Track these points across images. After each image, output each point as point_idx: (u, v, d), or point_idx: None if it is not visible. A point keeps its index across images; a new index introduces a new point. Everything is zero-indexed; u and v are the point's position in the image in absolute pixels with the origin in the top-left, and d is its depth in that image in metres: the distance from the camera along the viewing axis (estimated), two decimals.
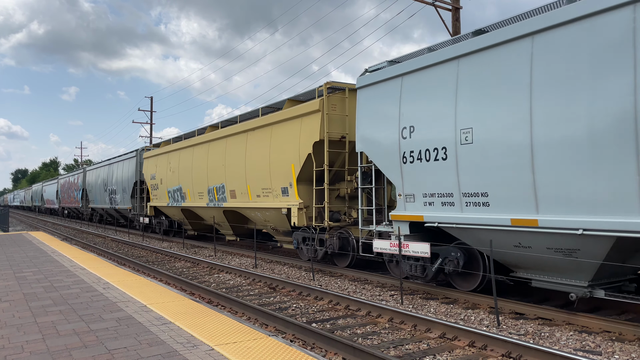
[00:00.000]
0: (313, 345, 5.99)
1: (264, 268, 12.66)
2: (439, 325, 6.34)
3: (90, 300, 6.78)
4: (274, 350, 4.53)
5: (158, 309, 6.20)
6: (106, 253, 16.32)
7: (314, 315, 7.57)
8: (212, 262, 12.99)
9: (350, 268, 11.49)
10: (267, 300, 8.76)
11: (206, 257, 14.93)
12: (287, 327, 6.59)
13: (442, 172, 8.09)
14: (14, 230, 29.65)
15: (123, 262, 14.21)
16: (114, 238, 22.41)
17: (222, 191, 15.92)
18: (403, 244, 8.53)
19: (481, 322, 7.00)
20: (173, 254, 15.47)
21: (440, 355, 5.61)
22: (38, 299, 6.98)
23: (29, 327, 5.40)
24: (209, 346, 4.63)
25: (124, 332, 5.16)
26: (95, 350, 4.55)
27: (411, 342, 6.07)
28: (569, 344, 5.93)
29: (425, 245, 8.21)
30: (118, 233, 26.35)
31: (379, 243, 9.13)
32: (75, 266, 10.38)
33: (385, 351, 5.71)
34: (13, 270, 9.90)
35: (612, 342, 5.92)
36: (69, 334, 5.10)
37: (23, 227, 36.73)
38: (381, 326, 6.88)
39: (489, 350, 5.63)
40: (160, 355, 4.39)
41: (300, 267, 12.60)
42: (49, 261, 11.31)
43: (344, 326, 6.86)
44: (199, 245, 18.89)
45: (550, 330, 6.51)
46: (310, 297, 8.79)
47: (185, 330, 5.21)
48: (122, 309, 6.22)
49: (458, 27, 16.25)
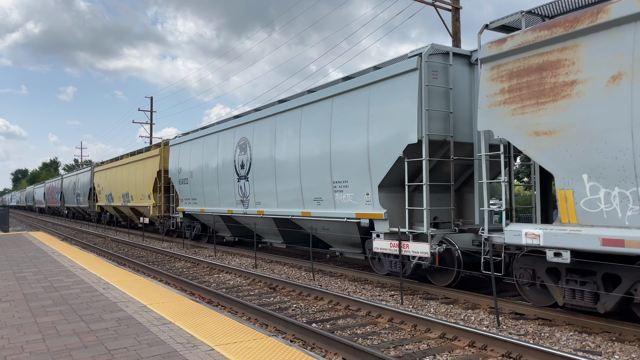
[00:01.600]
0: (313, 345, 5.99)
1: (264, 268, 12.66)
2: (439, 326, 6.34)
3: (90, 301, 6.78)
4: (274, 350, 4.53)
5: (158, 309, 6.20)
6: (106, 253, 16.32)
7: (314, 316, 7.57)
8: (212, 262, 12.99)
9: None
10: (267, 300, 8.76)
11: (206, 257, 14.93)
12: (287, 327, 6.59)
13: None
14: (14, 230, 29.65)
15: (123, 262, 14.21)
16: (114, 238, 22.42)
17: (128, 195, 25.50)
18: (403, 244, 8.53)
19: (481, 322, 7.00)
20: (173, 254, 15.48)
21: (440, 355, 5.61)
22: (38, 299, 6.98)
23: (29, 327, 5.40)
24: (209, 346, 4.63)
25: (124, 332, 5.16)
26: (95, 350, 4.55)
27: (411, 342, 6.07)
28: (569, 344, 5.94)
29: (425, 246, 8.21)
30: (118, 233, 26.35)
31: (379, 243, 9.13)
32: (75, 266, 10.38)
33: (385, 351, 5.71)
34: (13, 270, 9.90)
35: (612, 343, 5.93)
36: (69, 334, 5.10)
37: (23, 227, 36.73)
38: (381, 326, 6.88)
39: (489, 351, 5.63)
40: (160, 355, 4.39)
41: (300, 267, 12.60)
42: (49, 261, 11.31)
43: (344, 326, 6.86)
44: (199, 245, 18.89)
45: (550, 330, 6.51)
46: (310, 297, 8.79)
47: (185, 330, 5.21)
48: (122, 309, 6.22)
49: (458, 27, 16.25)
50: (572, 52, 6.39)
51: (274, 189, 13.12)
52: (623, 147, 5.85)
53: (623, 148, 5.85)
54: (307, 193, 11.79)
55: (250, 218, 14.43)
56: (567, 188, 6.51)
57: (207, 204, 17.04)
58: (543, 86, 6.71)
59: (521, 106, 6.97)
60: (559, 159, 6.53)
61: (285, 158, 12.53)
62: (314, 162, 11.44)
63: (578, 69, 6.31)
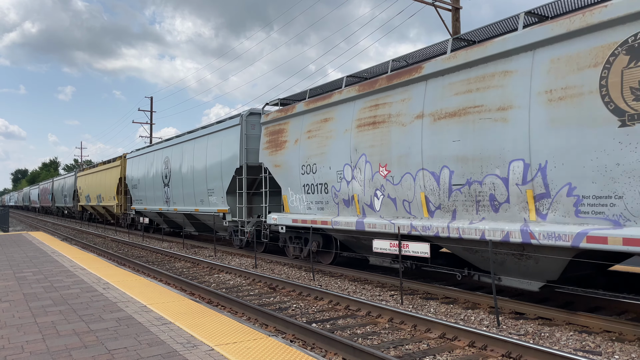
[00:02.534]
0: (313, 345, 5.99)
1: (263, 268, 12.66)
2: (439, 326, 6.34)
3: (90, 301, 6.78)
4: (274, 350, 4.53)
5: (158, 309, 6.20)
6: (106, 253, 16.32)
7: (314, 316, 7.57)
8: (212, 262, 12.99)
9: (351, 268, 11.45)
10: (267, 300, 8.76)
11: (206, 257, 14.94)
12: (287, 327, 6.59)
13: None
14: (14, 230, 29.64)
15: (123, 262, 14.21)
16: (114, 238, 22.42)
17: (101, 196, 31.43)
18: (403, 244, 8.53)
19: (481, 322, 7.00)
20: (173, 254, 15.48)
21: (440, 355, 5.61)
22: (38, 299, 6.98)
23: (29, 327, 5.40)
24: (209, 346, 4.63)
25: (124, 332, 5.16)
26: (95, 350, 4.55)
27: (411, 342, 6.07)
28: (569, 344, 5.93)
29: (425, 246, 8.21)
30: (118, 233, 26.35)
31: (379, 243, 9.13)
32: (75, 266, 10.38)
33: (385, 351, 5.71)
34: (13, 270, 9.90)
35: (612, 342, 5.92)
36: (68, 334, 5.10)
37: (23, 227, 36.72)
38: (381, 326, 6.88)
39: (489, 351, 5.63)
40: (160, 355, 4.39)
41: (300, 267, 12.61)
42: (49, 261, 11.31)
43: (344, 326, 6.86)
44: (199, 245, 18.90)
45: (550, 330, 6.51)
46: (310, 297, 8.79)
47: (185, 330, 5.21)
48: (122, 309, 6.22)
49: (458, 27, 16.24)
50: (286, 126, 12.65)
51: (181, 193, 19.22)
52: (298, 175, 12.03)
53: (298, 175, 12.02)
54: (197, 196, 17.87)
55: (172, 213, 20.71)
56: (284, 194, 12.74)
57: (148, 203, 23.13)
58: (278, 141, 12.87)
59: (271, 151, 13.13)
60: (282, 179, 12.76)
61: (186, 172, 18.61)
62: (200, 176, 17.49)
63: (288, 134, 12.50)
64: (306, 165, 11.67)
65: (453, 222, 7.97)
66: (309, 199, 11.73)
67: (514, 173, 7.06)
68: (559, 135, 6.51)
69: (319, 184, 11.34)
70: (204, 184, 17.11)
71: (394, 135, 9.11)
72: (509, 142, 7.10)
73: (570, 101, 6.38)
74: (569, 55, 6.44)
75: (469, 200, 7.77)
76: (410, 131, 8.78)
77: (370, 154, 9.69)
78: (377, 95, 9.71)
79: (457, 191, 7.94)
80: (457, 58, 7.94)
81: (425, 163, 8.46)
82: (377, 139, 9.51)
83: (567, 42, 6.46)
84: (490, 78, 7.44)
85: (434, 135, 8.29)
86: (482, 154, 7.50)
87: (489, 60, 7.47)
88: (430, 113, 8.40)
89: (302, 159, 11.76)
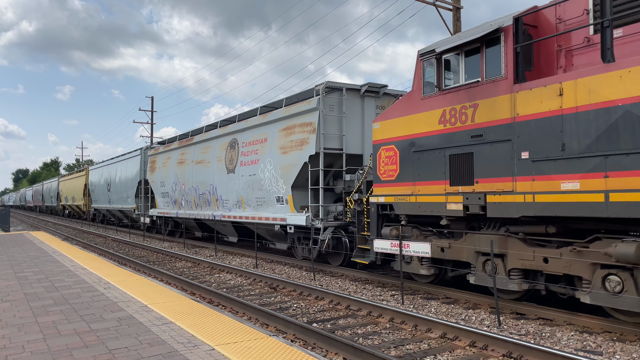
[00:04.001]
0: (314, 345, 5.99)
1: (264, 268, 12.66)
2: (439, 325, 6.34)
3: (91, 300, 6.78)
4: (275, 350, 4.53)
5: (159, 309, 6.21)
6: (107, 253, 16.33)
7: (314, 315, 7.57)
8: (212, 262, 13.00)
9: (349, 268, 11.50)
10: (267, 300, 8.77)
11: (207, 257, 14.94)
12: (287, 327, 6.59)
13: None
14: (15, 230, 29.68)
15: (124, 262, 14.22)
16: (115, 238, 22.44)
17: (74, 198, 41.89)
18: (404, 244, 8.53)
19: (482, 322, 6.99)
20: (174, 254, 15.49)
21: (441, 355, 5.61)
22: (39, 298, 6.98)
23: (29, 327, 5.40)
24: (210, 346, 4.63)
25: (124, 332, 5.16)
26: (96, 350, 4.55)
27: (412, 342, 6.07)
28: (570, 344, 5.93)
29: (425, 245, 8.21)
30: (119, 233, 26.38)
31: (379, 243, 9.13)
32: (76, 266, 10.39)
33: (386, 351, 5.71)
34: (14, 270, 9.91)
35: (613, 343, 5.92)
36: (69, 334, 5.10)
37: (24, 227, 36.77)
38: (382, 326, 6.88)
39: (489, 351, 5.63)
40: (161, 355, 4.39)
41: (300, 267, 12.61)
42: (49, 261, 11.32)
43: (344, 326, 6.86)
44: (200, 245, 18.91)
45: (551, 330, 6.50)
46: (311, 297, 8.79)
47: (186, 330, 5.21)
48: (122, 309, 6.22)
49: (459, 27, 16.23)
50: (155, 158, 23.14)
51: (107, 197, 29.78)
52: (158, 186, 22.59)
53: (158, 186, 22.61)
54: (121, 197, 27.97)
55: (114, 210, 29.57)
56: (157, 197, 23.39)
57: (100, 203, 32.51)
58: (153, 166, 23.46)
59: (150, 171, 24.05)
60: (155, 188, 23.58)
61: (118, 183, 27.92)
62: (122, 185, 27.53)
63: (156, 163, 22.84)
64: (161, 182, 21.62)
65: (201, 211, 18.04)
66: (164, 201, 21.55)
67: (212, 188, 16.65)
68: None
69: (166, 192, 21.28)
70: (124, 191, 26.78)
71: (187, 169, 18.95)
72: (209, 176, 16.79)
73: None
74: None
75: (203, 200, 17.69)
76: (189, 167, 18.74)
77: (181, 177, 19.62)
78: (183, 148, 19.63)
79: (201, 196, 17.81)
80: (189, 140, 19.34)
81: (193, 182, 18.40)
82: (181, 170, 19.42)
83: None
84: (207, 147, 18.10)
85: (195, 170, 18.24)
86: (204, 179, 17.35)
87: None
88: (192, 160, 18.66)
89: (160, 177, 21.82)
